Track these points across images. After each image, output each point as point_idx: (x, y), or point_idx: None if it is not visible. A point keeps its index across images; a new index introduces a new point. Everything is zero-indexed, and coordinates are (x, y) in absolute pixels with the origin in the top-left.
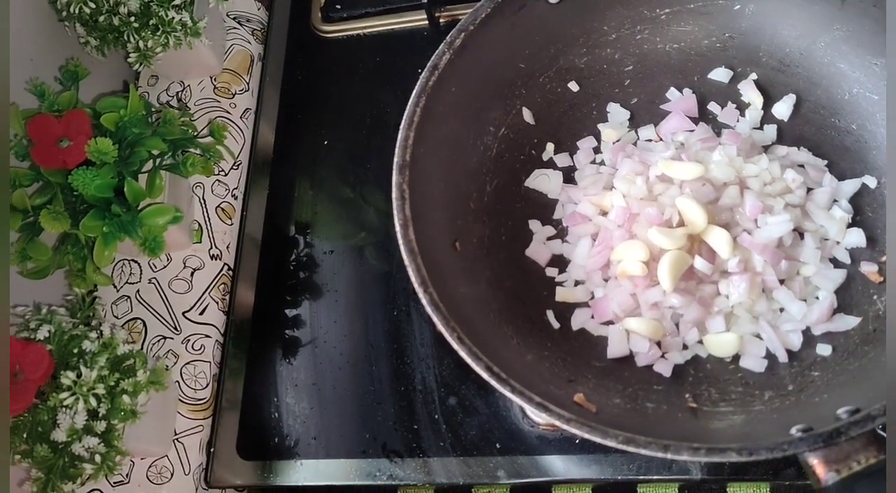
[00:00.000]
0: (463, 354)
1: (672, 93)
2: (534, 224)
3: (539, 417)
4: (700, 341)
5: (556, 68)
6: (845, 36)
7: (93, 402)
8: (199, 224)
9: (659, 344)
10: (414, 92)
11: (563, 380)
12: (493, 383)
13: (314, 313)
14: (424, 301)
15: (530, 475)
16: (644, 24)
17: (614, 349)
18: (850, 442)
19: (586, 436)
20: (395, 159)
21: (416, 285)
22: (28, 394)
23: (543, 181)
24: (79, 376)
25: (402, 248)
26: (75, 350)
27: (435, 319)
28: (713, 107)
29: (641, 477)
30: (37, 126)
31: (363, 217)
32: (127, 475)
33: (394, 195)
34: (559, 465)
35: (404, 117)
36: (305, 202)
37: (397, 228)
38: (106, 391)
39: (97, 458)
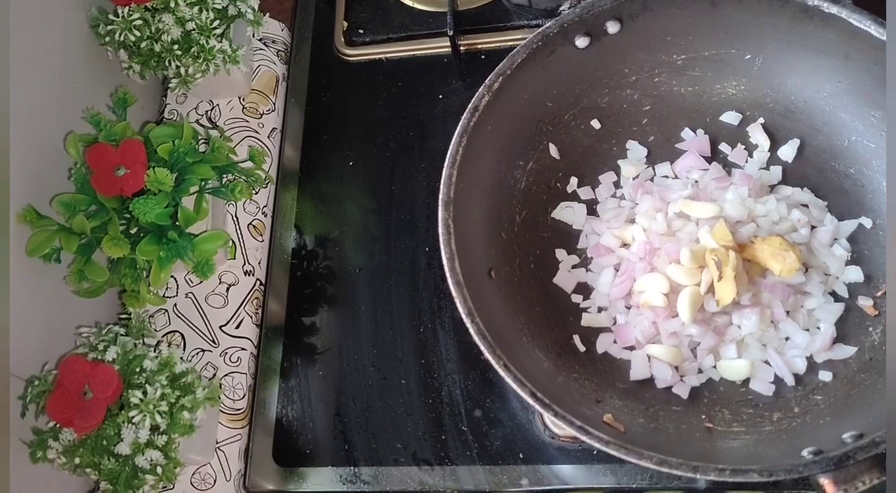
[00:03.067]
0: (509, 380)
1: (686, 133)
2: (560, 253)
3: (560, 429)
4: (714, 366)
5: (581, 107)
6: (847, 88)
7: (158, 418)
8: (233, 241)
9: (677, 368)
10: (456, 132)
11: (592, 401)
12: (538, 407)
13: (344, 329)
14: (472, 331)
15: (551, 483)
16: (662, 68)
17: (637, 372)
18: (856, 465)
19: (623, 457)
20: (441, 196)
21: (463, 315)
22: (99, 412)
23: (568, 213)
24: (144, 394)
25: (449, 280)
26: (137, 369)
27: (482, 347)
28: (724, 147)
29: (654, 486)
30: (95, 155)
31: (388, 237)
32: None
33: (440, 231)
34: (578, 474)
35: (448, 156)
36: (333, 221)
37: (444, 261)
38: (168, 408)
39: (158, 469)
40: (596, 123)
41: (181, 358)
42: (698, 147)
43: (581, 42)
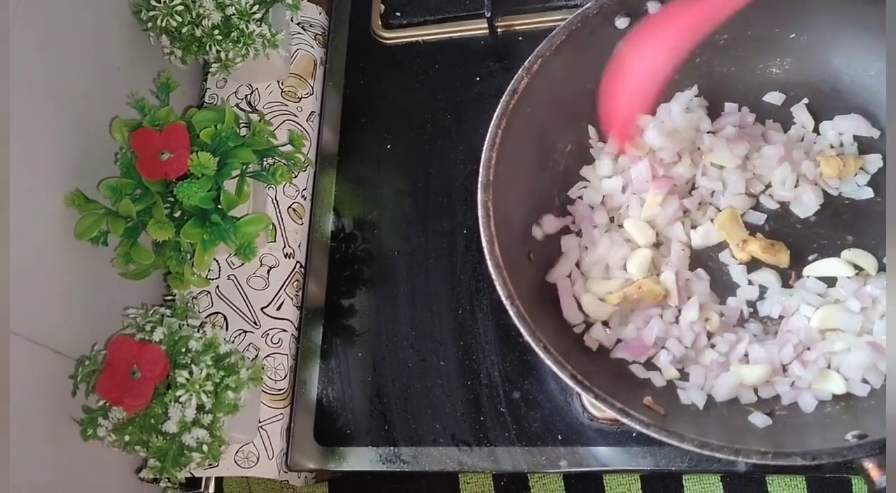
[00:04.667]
0: (549, 362)
1: (730, 106)
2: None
3: (599, 411)
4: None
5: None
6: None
7: (204, 398)
8: (273, 224)
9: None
10: (495, 115)
11: (632, 383)
12: (579, 389)
13: (382, 311)
14: (512, 313)
15: (590, 465)
16: (703, 48)
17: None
18: None
19: (664, 440)
20: (480, 179)
21: (503, 298)
22: (147, 391)
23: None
24: (191, 373)
25: (489, 263)
26: (183, 349)
27: (522, 330)
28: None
29: (693, 468)
30: (140, 140)
31: (426, 220)
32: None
33: (480, 213)
34: (616, 456)
35: (487, 139)
36: (370, 204)
37: (484, 244)
38: (213, 388)
39: (204, 447)
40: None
41: (224, 339)
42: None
43: (621, 23)
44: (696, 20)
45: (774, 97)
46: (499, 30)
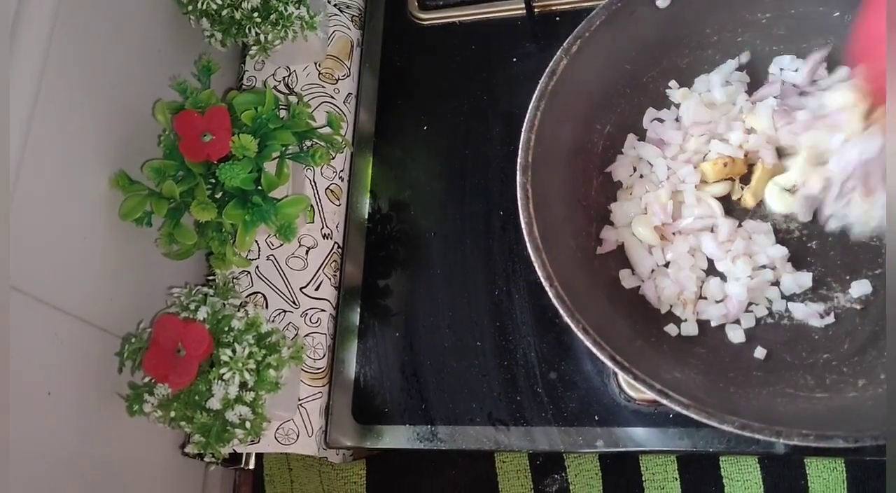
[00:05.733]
0: (588, 343)
1: (774, 76)
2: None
3: (636, 392)
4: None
5: (659, 69)
6: None
7: (246, 376)
8: (312, 206)
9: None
10: (534, 96)
11: (671, 364)
12: (618, 370)
13: (419, 291)
14: (551, 294)
15: (626, 446)
16: (745, 27)
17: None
18: None
19: (704, 421)
20: (519, 161)
21: (542, 279)
22: (192, 369)
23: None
24: (233, 352)
25: (528, 244)
26: (226, 328)
27: (561, 310)
28: None
29: (731, 449)
30: (183, 122)
31: (463, 201)
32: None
33: (518, 195)
34: (654, 437)
35: (526, 120)
36: (406, 185)
37: (523, 225)
38: (255, 366)
39: (247, 424)
40: (675, 85)
41: (266, 319)
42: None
43: (662, 2)
44: None
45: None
46: (536, 10)
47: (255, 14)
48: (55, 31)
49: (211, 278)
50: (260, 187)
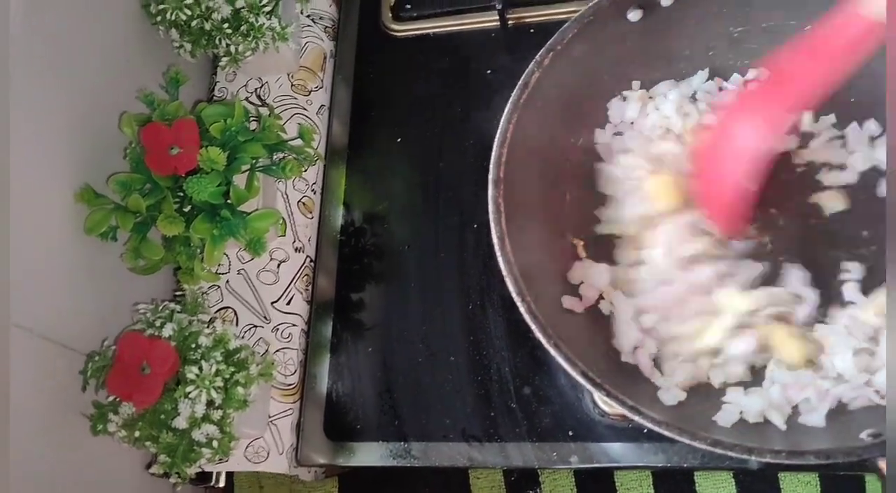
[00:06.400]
0: (560, 359)
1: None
2: None
3: (610, 407)
4: None
5: (632, 82)
6: None
7: (213, 394)
8: (283, 218)
9: None
10: (506, 109)
11: (645, 381)
12: (590, 387)
13: (392, 305)
14: (523, 310)
15: (601, 461)
16: (717, 41)
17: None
18: None
19: (676, 438)
20: (491, 174)
21: (513, 294)
22: (156, 387)
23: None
24: (200, 370)
25: (499, 259)
26: (193, 345)
27: (532, 326)
28: None
29: (705, 465)
30: (150, 134)
31: (437, 215)
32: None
33: (490, 209)
34: (628, 452)
35: (498, 134)
36: (380, 198)
37: (494, 240)
38: (223, 383)
39: (214, 443)
40: (636, 85)
41: (234, 335)
42: None
43: (633, 15)
44: (800, 91)
45: None
46: (510, 22)
47: (226, 25)
48: (21, 39)
49: (179, 293)
50: (229, 201)
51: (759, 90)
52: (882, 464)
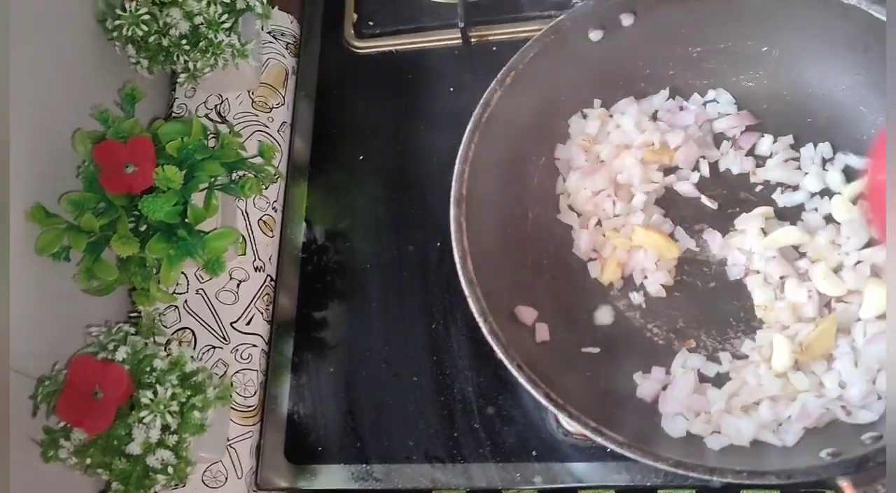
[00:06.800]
0: (522, 380)
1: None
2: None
3: (574, 427)
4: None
5: (593, 101)
6: (866, 81)
7: (168, 418)
8: (243, 237)
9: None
10: (468, 128)
11: (607, 399)
12: (552, 408)
13: (355, 325)
14: (485, 330)
15: (565, 481)
16: (676, 61)
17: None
18: (875, 467)
19: (639, 459)
20: (452, 193)
21: (475, 314)
22: (109, 413)
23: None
24: (155, 394)
25: (461, 278)
26: (148, 369)
27: (494, 346)
28: None
29: (668, 483)
30: (104, 152)
31: (399, 232)
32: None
33: (452, 228)
34: (592, 471)
35: (459, 152)
36: (343, 216)
37: (456, 259)
38: (178, 408)
39: (169, 469)
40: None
41: (192, 356)
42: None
43: (595, 35)
44: None
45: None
46: (473, 40)
47: (184, 41)
48: None
49: (135, 314)
50: (186, 220)
51: None
52: (842, 483)
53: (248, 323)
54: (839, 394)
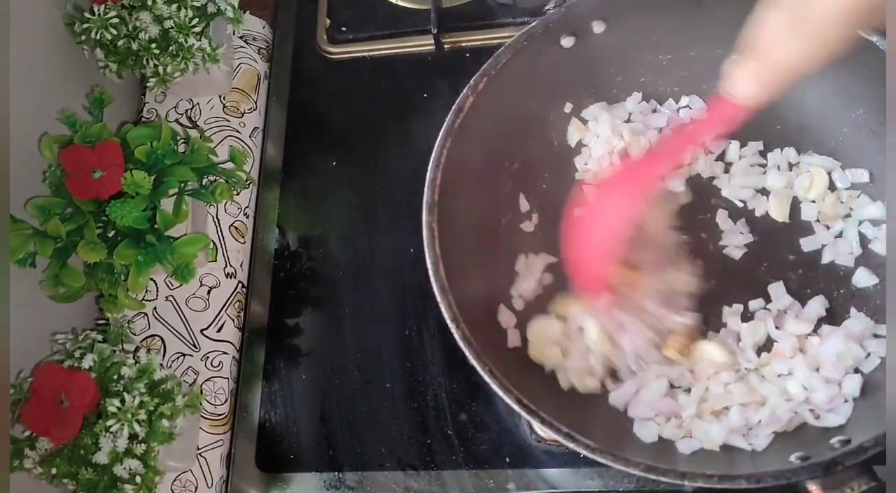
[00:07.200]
0: (494, 386)
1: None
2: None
3: (547, 433)
4: None
5: (565, 107)
6: (833, 89)
7: (136, 427)
8: (214, 243)
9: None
10: (440, 134)
11: (580, 406)
12: (524, 413)
13: (327, 331)
14: (457, 336)
15: (538, 487)
16: (647, 68)
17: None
18: (844, 471)
19: (610, 464)
20: (425, 199)
21: (448, 320)
22: (75, 421)
23: None
24: (122, 402)
25: (433, 284)
26: (115, 377)
27: (467, 353)
28: None
29: (641, 489)
30: (71, 157)
31: (372, 238)
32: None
33: (424, 234)
34: (565, 477)
35: (432, 158)
36: (316, 221)
37: (429, 265)
38: (146, 416)
39: (137, 479)
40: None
41: (161, 364)
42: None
43: (566, 42)
44: (654, 173)
45: None
46: (446, 46)
47: (154, 45)
48: None
49: (102, 321)
50: (155, 226)
51: (630, 168)
52: (811, 486)
53: (218, 330)
54: (806, 397)
